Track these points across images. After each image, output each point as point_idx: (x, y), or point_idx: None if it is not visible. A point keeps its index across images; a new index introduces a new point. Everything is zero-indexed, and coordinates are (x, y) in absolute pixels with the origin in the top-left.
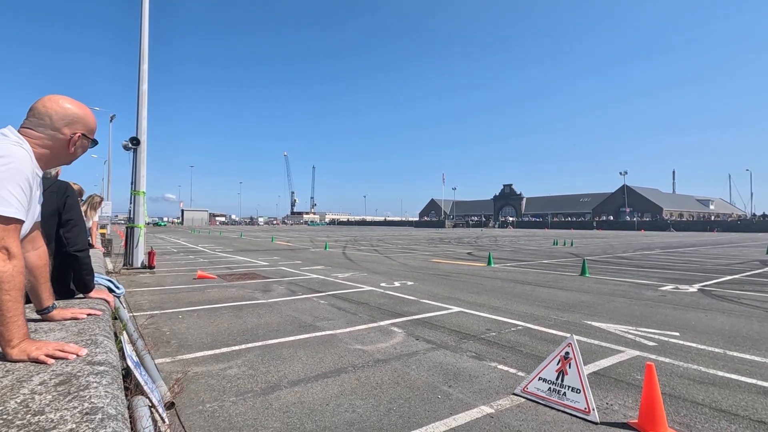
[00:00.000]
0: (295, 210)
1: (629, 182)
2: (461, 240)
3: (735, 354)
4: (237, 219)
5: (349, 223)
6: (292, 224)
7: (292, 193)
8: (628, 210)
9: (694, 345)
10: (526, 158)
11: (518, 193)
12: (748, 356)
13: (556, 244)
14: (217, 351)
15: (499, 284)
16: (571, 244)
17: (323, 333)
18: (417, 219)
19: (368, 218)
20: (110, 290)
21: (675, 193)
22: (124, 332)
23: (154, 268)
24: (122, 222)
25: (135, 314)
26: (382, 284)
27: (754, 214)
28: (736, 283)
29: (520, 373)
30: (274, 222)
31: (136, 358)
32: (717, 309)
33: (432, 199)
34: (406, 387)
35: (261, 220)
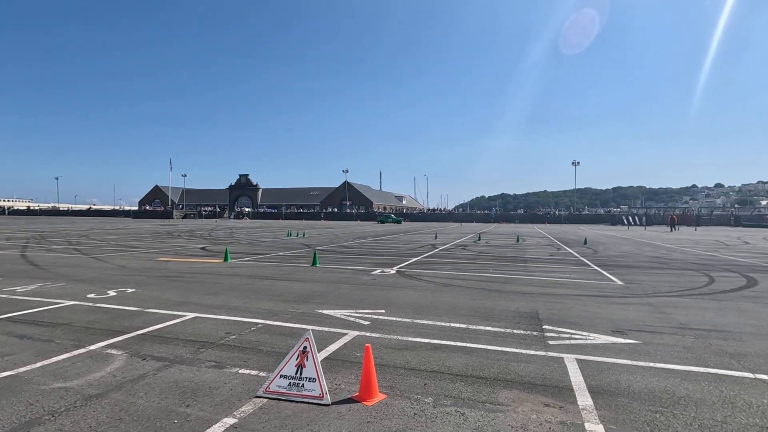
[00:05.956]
0: None
1: (350, 179)
2: (193, 233)
3: (419, 321)
4: None
5: (31, 212)
6: None
7: None
8: (348, 203)
9: (394, 319)
10: (262, 150)
11: (254, 183)
12: (426, 321)
13: (290, 235)
14: None
15: (237, 281)
16: (304, 235)
17: None
18: (137, 208)
19: (63, 207)
20: None
21: (381, 190)
22: None
23: None
24: None
25: None
26: (91, 296)
27: (429, 208)
28: (418, 264)
29: (262, 374)
30: None
31: None
32: (408, 287)
33: (156, 186)
34: (132, 421)
35: None
